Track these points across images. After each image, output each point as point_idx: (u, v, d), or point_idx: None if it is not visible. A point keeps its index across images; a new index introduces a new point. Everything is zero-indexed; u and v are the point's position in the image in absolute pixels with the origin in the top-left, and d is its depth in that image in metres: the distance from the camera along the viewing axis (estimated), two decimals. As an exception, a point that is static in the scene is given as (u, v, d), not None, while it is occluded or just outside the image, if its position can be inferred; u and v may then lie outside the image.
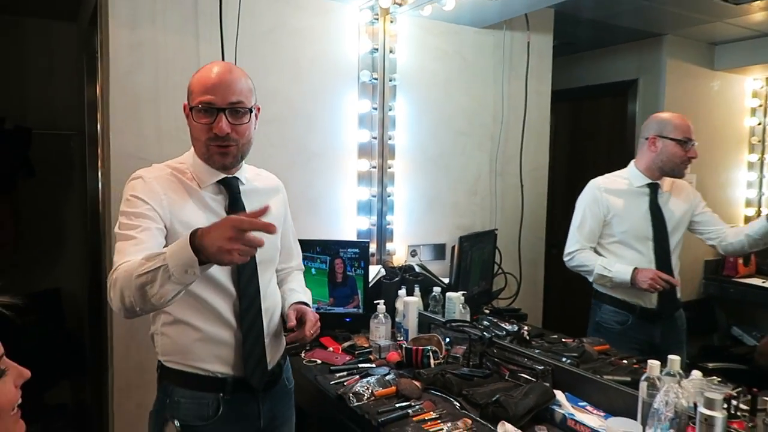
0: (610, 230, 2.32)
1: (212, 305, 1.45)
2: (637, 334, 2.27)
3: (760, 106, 3.95)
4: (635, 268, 2.21)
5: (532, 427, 1.56)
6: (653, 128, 2.30)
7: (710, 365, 2.43)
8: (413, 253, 2.84)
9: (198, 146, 1.46)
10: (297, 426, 1.72)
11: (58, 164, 3.71)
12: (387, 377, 1.86)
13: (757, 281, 3.64)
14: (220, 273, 1.45)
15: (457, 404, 1.72)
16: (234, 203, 1.50)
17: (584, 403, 1.68)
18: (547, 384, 1.75)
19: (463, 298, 2.39)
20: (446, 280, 2.70)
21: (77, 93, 3.47)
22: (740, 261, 3.63)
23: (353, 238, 2.69)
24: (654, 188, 2.32)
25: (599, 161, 3.99)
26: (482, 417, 1.63)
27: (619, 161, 3.81)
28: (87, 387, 3.58)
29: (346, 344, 2.27)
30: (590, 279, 2.33)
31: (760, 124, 3.92)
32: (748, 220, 4.05)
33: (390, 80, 2.66)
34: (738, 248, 2.45)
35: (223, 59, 2.25)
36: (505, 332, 2.12)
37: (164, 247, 1.33)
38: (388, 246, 2.74)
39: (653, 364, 1.48)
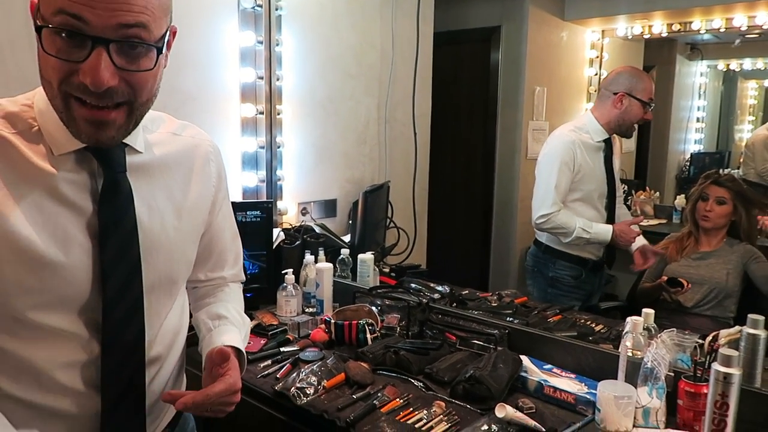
0: (575, 187, 2.23)
1: (36, 365, 0.86)
2: (586, 285, 2.32)
3: (597, 57, 4.25)
4: (613, 227, 2.21)
5: (515, 401, 1.41)
6: (623, 84, 2.21)
7: (601, 305, 2.58)
8: (304, 212, 2.51)
9: (50, 93, 0.80)
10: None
11: None
12: (329, 362, 1.58)
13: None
14: (69, 311, 0.86)
15: (420, 385, 1.51)
16: (111, 191, 0.86)
17: (549, 366, 1.57)
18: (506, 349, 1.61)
19: (374, 259, 2.18)
20: (346, 239, 2.44)
21: None
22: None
23: (239, 197, 2.28)
24: (609, 144, 2.28)
25: (461, 109, 3.97)
26: (452, 396, 1.45)
27: (481, 109, 3.84)
28: None
29: (251, 324, 1.92)
30: (565, 240, 2.26)
31: (596, 74, 4.22)
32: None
33: (276, 9, 2.24)
34: None
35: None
36: (439, 295, 1.95)
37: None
38: (279, 205, 2.38)
39: (636, 320, 1.40)
